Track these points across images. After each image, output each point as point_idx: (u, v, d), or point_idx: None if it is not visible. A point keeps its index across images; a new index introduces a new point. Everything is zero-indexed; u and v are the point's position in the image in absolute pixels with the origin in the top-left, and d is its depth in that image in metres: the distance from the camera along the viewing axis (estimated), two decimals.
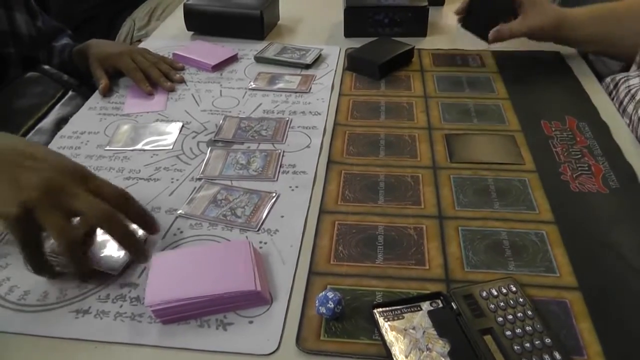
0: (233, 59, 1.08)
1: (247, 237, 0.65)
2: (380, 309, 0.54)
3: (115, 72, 1.01)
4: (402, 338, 0.51)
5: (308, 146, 0.81)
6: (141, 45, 1.16)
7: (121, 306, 0.57)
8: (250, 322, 0.55)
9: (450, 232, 0.65)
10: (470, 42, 1.09)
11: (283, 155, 0.79)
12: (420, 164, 0.77)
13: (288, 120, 0.87)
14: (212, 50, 1.09)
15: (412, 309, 0.54)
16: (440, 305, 0.55)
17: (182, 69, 1.06)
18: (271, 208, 0.69)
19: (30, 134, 0.90)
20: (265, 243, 0.64)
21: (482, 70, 1.01)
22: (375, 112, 0.89)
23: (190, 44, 1.14)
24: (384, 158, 0.78)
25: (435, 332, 0.52)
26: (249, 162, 0.77)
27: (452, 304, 0.55)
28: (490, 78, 0.98)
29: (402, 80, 0.99)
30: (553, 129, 0.82)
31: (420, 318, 0.53)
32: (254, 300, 0.56)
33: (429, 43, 1.13)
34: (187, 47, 1.10)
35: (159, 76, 0.99)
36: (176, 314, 0.55)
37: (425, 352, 0.50)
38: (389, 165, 0.76)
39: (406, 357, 0.50)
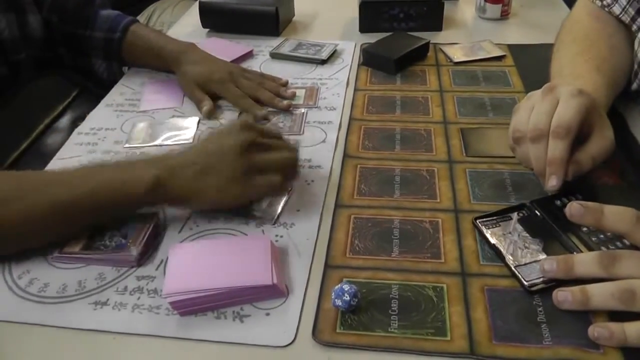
0: (248, 56, 1.08)
1: (263, 230, 0.66)
2: (481, 220, 0.64)
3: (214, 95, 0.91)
4: (503, 241, 0.61)
5: (324, 141, 0.81)
6: None
7: (139, 298, 0.57)
8: (267, 314, 0.55)
9: (466, 225, 0.65)
10: (485, 36, 1.09)
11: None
12: (435, 158, 0.76)
13: (304, 113, 0.88)
14: (227, 47, 1.09)
15: (505, 219, 0.64)
16: (526, 214, 0.64)
17: (287, 83, 0.97)
18: (287, 202, 0.70)
19: (47, 132, 0.91)
20: (282, 236, 0.65)
21: (498, 64, 1.00)
22: (391, 106, 0.89)
23: (206, 41, 1.14)
24: (400, 152, 0.78)
25: (528, 234, 0.62)
26: None
27: (536, 211, 0.64)
28: (507, 72, 0.97)
29: (418, 74, 0.98)
30: None
31: (513, 225, 0.63)
32: (270, 293, 0.56)
33: (445, 37, 1.13)
34: (203, 44, 1.10)
35: (272, 98, 0.90)
36: (193, 306, 0.55)
37: (524, 250, 0.60)
38: (405, 160, 0.76)
39: (511, 255, 0.59)
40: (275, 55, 1.07)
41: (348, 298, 0.54)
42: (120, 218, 0.66)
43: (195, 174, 0.63)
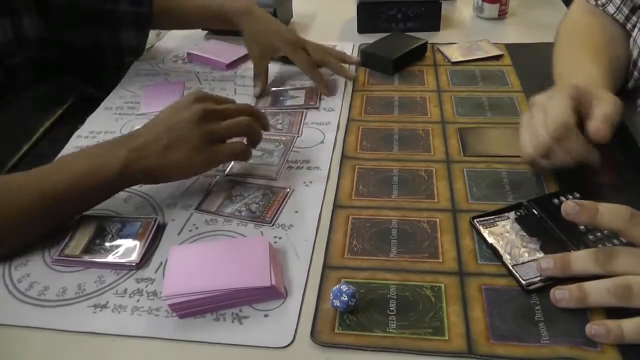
0: (247, 57, 1.08)
1: (261, 232, 0.66)
2: (478, 219, 0.64)
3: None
4: (500, 240, 0.61)
5: (322, 142, 0.82)
6: (157, 44, 1.16)
7: (138, 300, 0.58)
8: (266, 316, 0.56)
9: (463, 225, 0.65)
10: (483, 36, 1.09)
11: (294, 144, 0.81)
12: (433, 158, 0.77)
13: (303, 113, 0.88)
14: (226, 49, 1.10)
15: (502, 218, 0.65)
16: (524, 213, 0.65)
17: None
18: (285, 203, 0.70)
19: (46, 136, 0.91)
20: (280, 238, 0.65)
21: (496, 64, 1.01)
22: (389, 107, 0.89)
23: (205, 43, 1.15)
24: (398, 153, 0.78)
25: (525, 234, 0.62)
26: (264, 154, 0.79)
27: (534, 210, 0.64)
28: (504, 71, 0.98)
29: (416, 75, 0.99)
30: None
31: (510, 224, 0.63)
32: (269, 294, 0.57)
33: (442, 37, 1.13)
34: (202, 46, 1.11)
35: (338, 65, 0.98)
36: (192, 308, 0.55)
37: (522, 249, 0.60)
38: (403, 160, 0.76)
39: (509, 254, 0.60)
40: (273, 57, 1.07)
41: (346, 298, 0.54)
42: (121, 219, 0.66)
43: (160, 151, 0.65)
